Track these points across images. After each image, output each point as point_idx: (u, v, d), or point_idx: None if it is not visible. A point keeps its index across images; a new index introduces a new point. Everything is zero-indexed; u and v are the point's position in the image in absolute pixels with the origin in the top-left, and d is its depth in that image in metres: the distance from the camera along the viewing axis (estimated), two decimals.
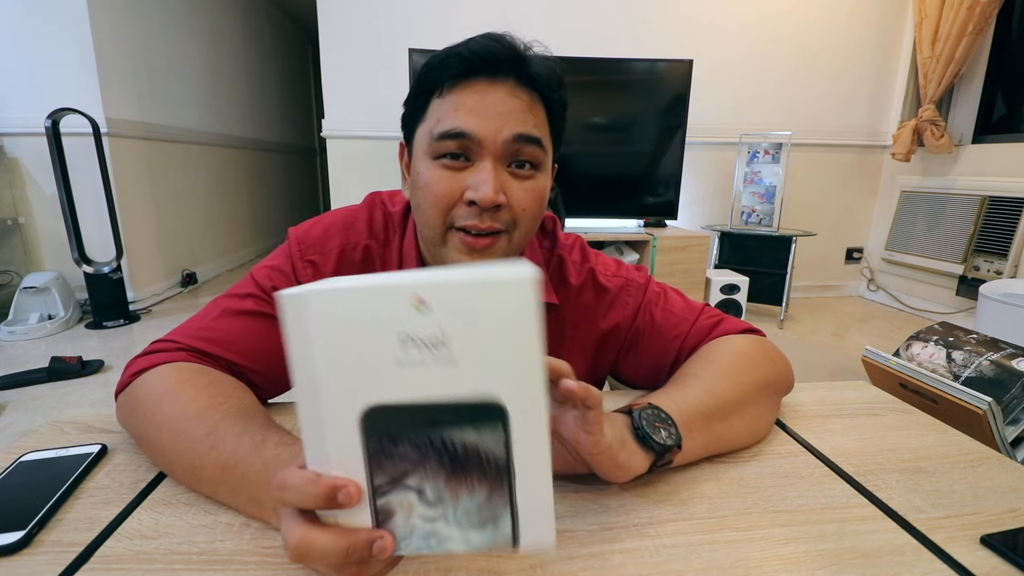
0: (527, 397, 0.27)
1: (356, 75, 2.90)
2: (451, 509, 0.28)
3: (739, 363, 0.56)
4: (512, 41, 0.52)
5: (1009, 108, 2.93)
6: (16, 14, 2.58)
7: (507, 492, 0.28)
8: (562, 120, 0.57)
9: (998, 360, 0.98)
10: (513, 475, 0.28)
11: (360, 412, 0.27)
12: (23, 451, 0.49)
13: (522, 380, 0.27)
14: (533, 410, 0.27)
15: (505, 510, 0.28)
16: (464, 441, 0.28)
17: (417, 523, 0.29)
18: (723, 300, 2.74)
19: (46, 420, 0.61)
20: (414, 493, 0.28)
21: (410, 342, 0.26)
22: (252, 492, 0.40)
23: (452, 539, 0.29)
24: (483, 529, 0.29)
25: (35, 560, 0.37)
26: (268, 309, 0.57)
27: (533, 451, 0.28)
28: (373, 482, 0.28)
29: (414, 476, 0.28)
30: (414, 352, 0.26)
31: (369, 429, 0.27)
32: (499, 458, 0.28)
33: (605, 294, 0.66)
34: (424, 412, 0.27)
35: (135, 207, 3.04)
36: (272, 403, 0.60)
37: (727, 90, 3.14)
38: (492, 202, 0.50)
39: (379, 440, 0.27)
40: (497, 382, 0.27)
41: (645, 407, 0.46)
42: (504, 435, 0.27)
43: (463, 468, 0.28)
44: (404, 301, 0.26)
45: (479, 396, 0.27)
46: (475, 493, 0.28)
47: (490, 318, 0.26)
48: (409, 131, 0.56)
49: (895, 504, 0.45)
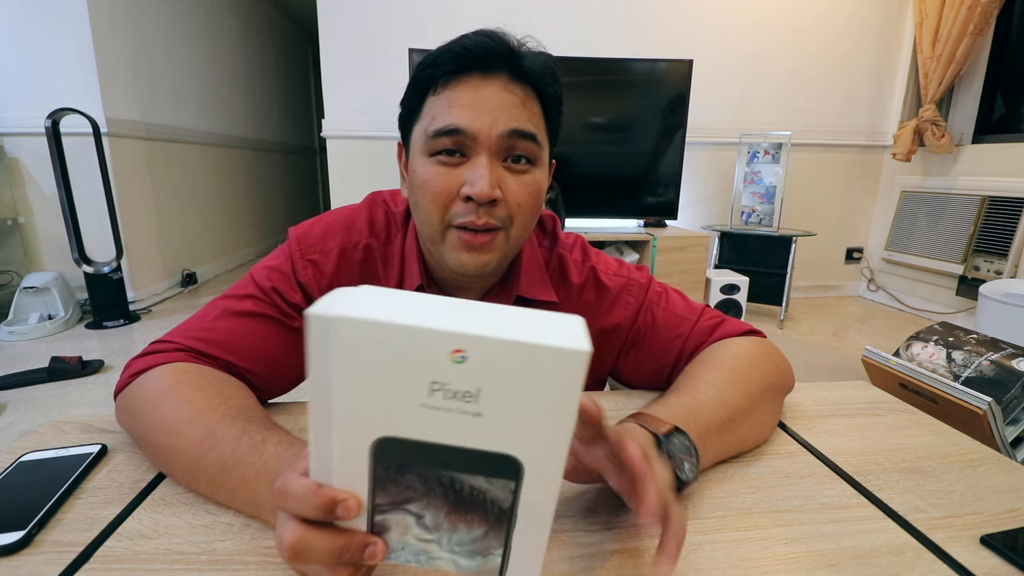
0: (549, 461, 0.26)
1: (356, 75, 2.90)
2: (447, 537, 0.28)
3: (746, 368, 0.56)
4: (505, 37, 0.52)
5: (1009, 108, 2.93)
6: (16, 14, 2.58)
7: (504, 536, 0.28)
8: (558, 115, 0.57)
9: (998, 360, 0.98)
10: (513, 523, 0.28)
11: (373, 440, 0.26)
12: (23, 451, 0.49)
13: (549, 446, 0.26)
14: (551, 473, 0.27)
15: (499, 550, 0.29)
16: (473, 485, 0.27)
17: (411, 541, 0.29)
18: (723, 300, 2.74)
19: (46, 420, 0.61)
20: (413, 517, 0.28)
21: (440, 391, 0.25)
22: (251, 493, 0.40)
23: (442, 560, 0.29)
24: (473, 558, 0.29)
25: (35, 560, 0.37)
26: (267, 310, 0.57)
27: (539, 507, 0.27)
28: (374, 500, 0.28)
29: (416, 504, 0.28)
30: (439, 397, 0.25)
31: (379, 455, 0.26)
32: (504, 506, 0.27)
33: (606, 293, 0.66)
34: (439, 453, 0.26)
35: (135, 207, 3.04)
36: (272, 403, 0.60)
37: (727, 90, 3.14)
38: (488, 197, 0.50)
39: (387, 467, 0.27)
40: (522, 442, 0.26)
41: (672, 432, 0.43)
42: (514, 488, 0.27)
43: (466, 507, 0.28)
44: (443, 351, 0.24)
45: (499, 450, 0.26)
46: (472, 529, 0.28)
47: (532, 383, 0.24)
48: (406, 130, 0.57)
49: (895, 504, 0.45)
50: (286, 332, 0.58)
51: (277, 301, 0.58)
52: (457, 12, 2.88)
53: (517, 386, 0.24)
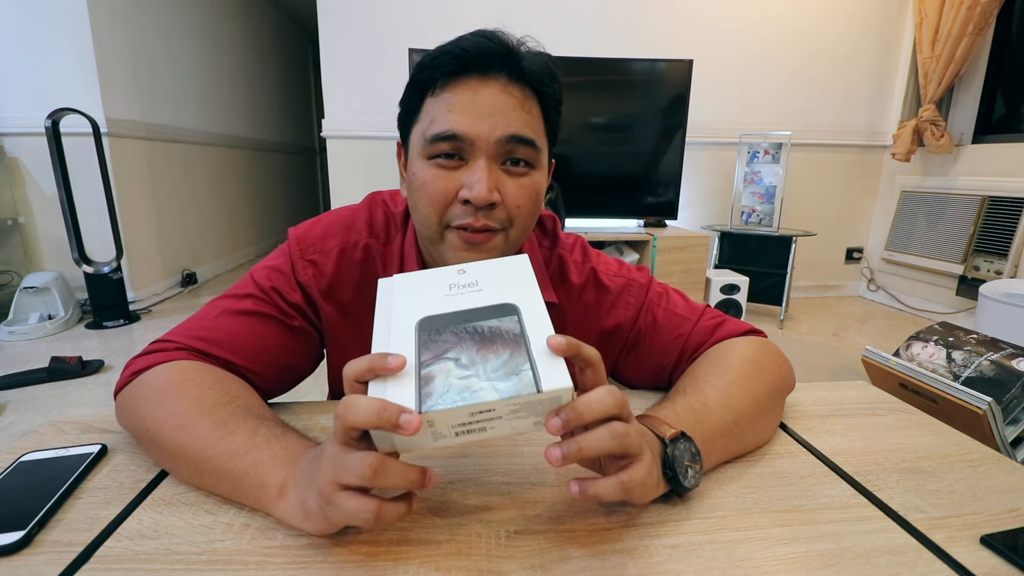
0: (532, 303, 0.39)
1: (356, 75, 2.90)
2: (481, 368, 0.35)
3: (752, 371, 0.55)
4: (503, 37, 0.52)
5: (1009, 108, 2.93)
6: (16, 14, 2.58)
7: (525, 352, 0.36)
8: (557, 115, 0.57)
9: (998, 360, 0.98)
10: (528, 339, 0.36)
11: (417, 320, 0.38)
12: (23, 451, 0.49)
13: (527, 295, 0.40)
14: (536, 308, 0.39)
15: (525, 363, 0.35)
16: (490, 325, 0.37)
17: (454, 382, 0.34)
18: (723, 300, 2.74)
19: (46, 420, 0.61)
20: (452, 362, 0.35)
21: (454, 288, 0.41)
22: (260, 475, 0.40)
23: (483, 389, 0.34)
24: (508, 379, 0.34)
25: (35, 560, 0.37)
26: (267, 309, 0.57)
27: (539, 325, 0.37)
28: (420, 359, 0.36)
29: (452, 351, 0.36)
30: (455, 290, 0.41)
31: (422, 327, 0.38)
32: (516, 332, 0.37)
33: (607, 294, 0.66)
34: (461, 315, 0.38)
35: (135, 207, 3.04)
36: (272, 403, 0.60)
37: (727, 90, 3.14)
38: (486, 201, 0.50)
39: (428, 333, 0.37)
40: (510, 297, 0.40)
41: (679, 438, 0.43)
42: (518, 319, 0.38)
43: (490, 340, 0.36)
44: (451, 271, 0.43)
45: (499, 302, 0.39)
46: (500, 354, 0.36)
47: (505, 273, 0.42)
48: (405, 131, 0.57)
49: (895, 504, 0.45)
50: (286, 331, 0.58)
51: (277, 301, 0.58)
52: (457, 12, 2.88)
53: (497, 274, 0.42)
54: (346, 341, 0.63)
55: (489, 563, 0.37)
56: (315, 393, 0.85)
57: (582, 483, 0.37)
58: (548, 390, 0.33)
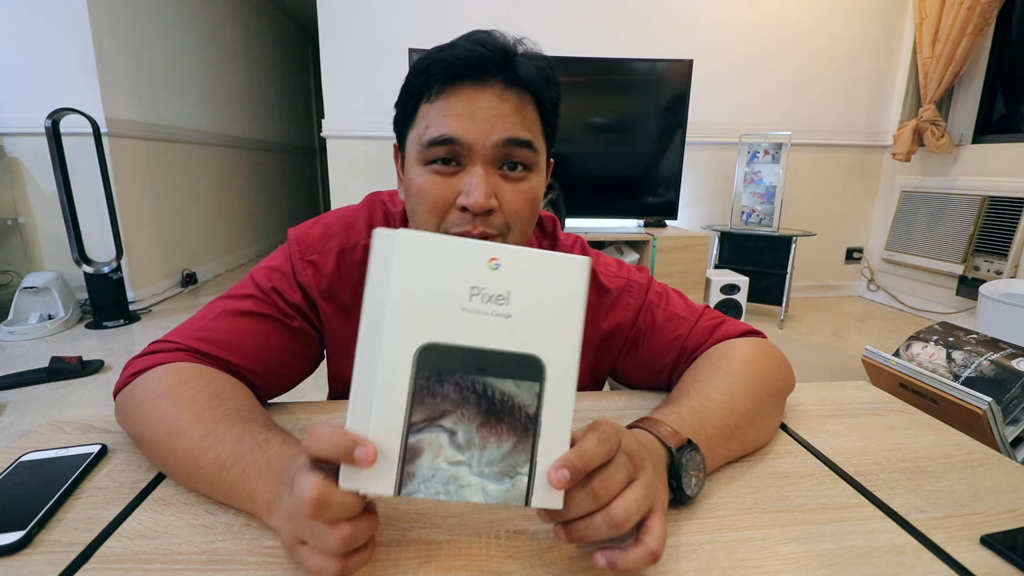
0: (564, 361, 0.32)
1: (356, 75, 2.89)
2: (476, 456, 0.31)
3: (753, 373, 0.55)
4: (499, 41, 0.51)
5: (1009, 108, 2.93)
6: (16, 14, 2.58)
7: (530, 447, 0.31)
8: (555, 117, 0.56)
9: (998, 360, 0.98)
10: (538, 431, 0.31)
11: (418, 346, 0.30)
12: (23, 451, 0.49)
13: (563, 345, 0.32)
14: (566, 373, 0.32)
15: (525, 466, 0.31)
16: (503, 390, 0.31)
17: (442, 465, 0.30)
18: (723, 300, 2.74)
19: (46, 420, 0.61)
20: (446, 434, 0.30)
21: (478, 293, 0.31)
22: (249, 488, 0.40)
23: (471, 487, 0.31)
24: (501, 482, 0.31)
25: (35, 560, 0.37)
26: (267, 310, 0.57)
27: (560, 411, 0.31)
28: (411, 418, 0.30)
29: (450, 417, 0.31)
30: (478, 301, 0.31)
31: (421, 363, 0.30)
32: (530, 412, 0.31)
33: (607, 294, 0.65)
34: (474, 357, 0.31)
35: (135, 207, 3.04)
36: (272, 403, 0.60)
37: (727, 90, 3.14)
38: (483, 207, 0.50)
39: (427, 377, 0.30)
40: (542, 344, 0.31)
41: (685, 446, 0.43)
42: (539, 391, 0.31)
43: (497, 416, 0.31)
44: (482, 258, 0.31)
45: (525, 351, 0.31)
46: (502, 443, 0.31)
47: (547, 286, 0.32)
48: (401, 134, 0.56)
49: (895, 504, 0.45)
50: (286, 332, 0.58)
51: (277, 301, 0.58)
52: (457, 12, 2.88)
53: (538, 288, 0.31)
54: (346, 341, 0.63)
55: (489, 563, 0.37)
56: (315, 393, 0.85)
57: (610, 556, 0.34)
58: (537, 506, 0.32)
